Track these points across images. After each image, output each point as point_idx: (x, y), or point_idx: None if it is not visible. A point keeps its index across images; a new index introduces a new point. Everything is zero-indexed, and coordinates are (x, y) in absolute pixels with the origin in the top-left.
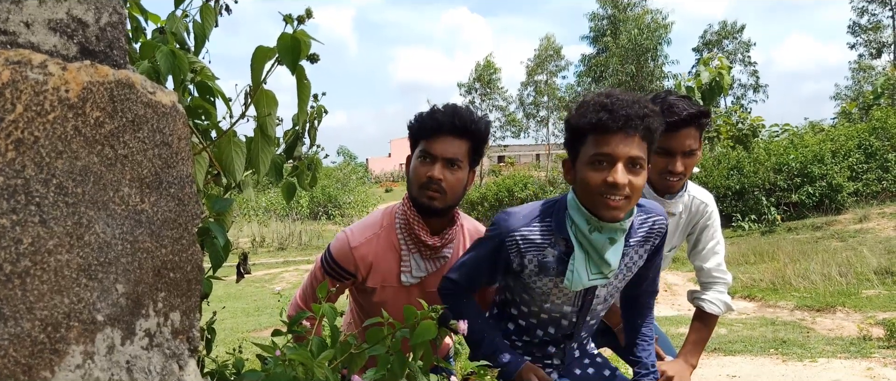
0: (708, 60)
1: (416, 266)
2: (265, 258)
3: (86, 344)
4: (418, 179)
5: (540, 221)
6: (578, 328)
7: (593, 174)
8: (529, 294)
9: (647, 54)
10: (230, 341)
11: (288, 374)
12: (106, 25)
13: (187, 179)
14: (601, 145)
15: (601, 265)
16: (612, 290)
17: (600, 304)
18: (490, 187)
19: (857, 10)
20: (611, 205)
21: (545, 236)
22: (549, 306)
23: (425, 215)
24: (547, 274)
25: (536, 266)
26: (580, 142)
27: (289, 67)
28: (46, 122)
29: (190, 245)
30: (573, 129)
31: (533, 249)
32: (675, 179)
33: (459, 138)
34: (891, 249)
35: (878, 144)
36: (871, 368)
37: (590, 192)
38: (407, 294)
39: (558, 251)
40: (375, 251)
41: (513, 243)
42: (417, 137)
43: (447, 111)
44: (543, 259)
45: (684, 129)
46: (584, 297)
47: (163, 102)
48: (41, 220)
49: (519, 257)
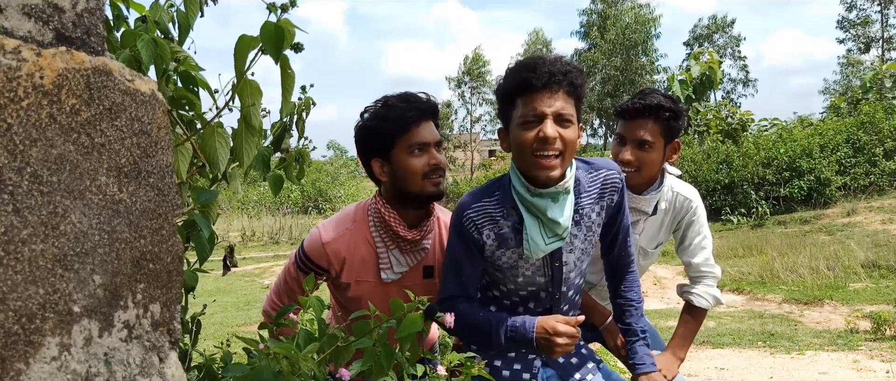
0: (699, 54)
1: (396, 262)
2: (255, 252)
3: (62, 336)
4: (421, 170)
5: (489, 195)
6: (557, 301)
7: (524, 133)
8: (500, 272)
9: (637, 48)
10: (219, 335)
11: (272, 368)
12: (83, 12)
13: (167, 169)
14: (528, 105)
15: (553, 227)
16: (580, 255)
17: (572, 271)
18: (481, 181)
19: (846, 5)
20: (543, 165)
21: (496, 208)
22: (522, 280)
23: (421, 207)
24: (507, 246)
25: (495, 240)
26: (510, 106)
27: (272, 56)
28: (20, 109)
29: (170, 236)
30: (502, 95)
31: (488, 223)
32: (625, 169)
33: (432, 120)
34: (878, 242)
35: (866, 138)
36: (858, 360)
37: (523, 152)
38: (385, 291)
39: (511, 221)
40: (348, 246)
41: (468, 220)
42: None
43: (408, 98)
44: (499, 231)
45: (639, 119)
46: (552, 265)
47: (141, 89)
48: (15, 209)
49: (478, 234)
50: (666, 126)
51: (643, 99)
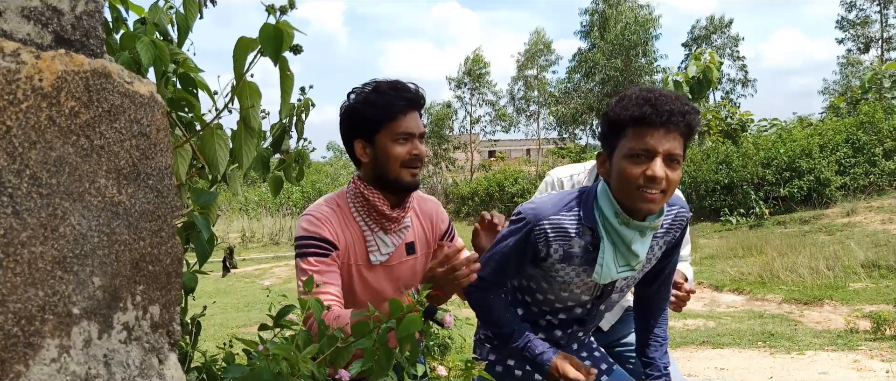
0: (699, 55)
1: (382, 244)
2: (255, 253)
3: (61, 337)
4: (402, 158)
5: (568, 210)
6: (592, 315)
7: (632, 167)
8: (548, 282)
9: (636, 49)
10: (219, 336)
11: (272, 369)
12: (82, 14)
13: (166, 171)
14: (642, 139)
15: (629, 257)
16: (630, 280)
17: (617, 294)
18: (480, 182)
19: (846, 5)
20: (647, 198)
21: (573, 225)
22: (567, 295)
23: (397, 194)
24: (571, 263)
25: (561, 256)
26: (619, 135)
27: (271, 58)
28: (19, 111)
29: (169, 238)
30: (612, 122)
31: (560, 237)
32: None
33: (419, 111)
34: (878, 242)
35: (865, 138)
36: (858, 360)
37: (627, 185)
38: (375, 274)
39: (585, 241)
40: (339, 223)
41: (541, 231)
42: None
43: (398, 87)
44: (569, 249)
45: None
46: (604, 287)
47: (140, 91)
48: (14, 211)
49: (546, 247)
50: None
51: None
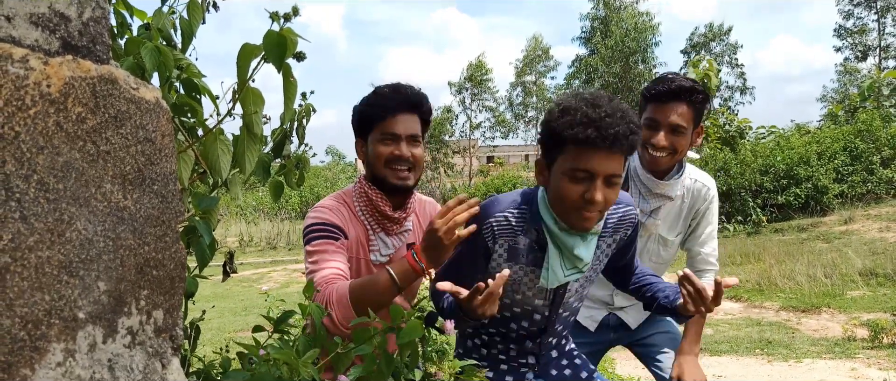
0: (697, 62)
1: (383, 245)
2: (253, 258)
3: (67, 342)
4: (384, 157)
5: (516, 207)
6: (552, 322)
7: (571, 187)
8: None
9: (636, 55)
10: (217, 341)
11: (272, 374)
12: (89, 20)
13: (171, 176)
14: (582, 160)
15: (574, 261)
16: (584, 282)
17: (573, 297)
18: (479, 187)
19: (843, 14)
20: (584, 217)
21: (520, 222)
22: (520, 297)
23: (392, 195)
24: (516, 261)
25: (506, 251)
26: (560, 148)
27: (275, 65)
28: (27, 117)
29: (173, 243)
30: (554, 134)
31: (506, 233)
32: (658, 154)
33: (415, 113)
34: (875, 250)
35: (863, 146)
36: (856, 368)
37: (564, 203)
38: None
39: (529, 240)
40: (347, 218)
41: (488, 227)
42: (376, 119)
43: (397, 89)
44: (514, 245)
45: (673, 102)
46: (556, 291)
47: (146, 97)
48: (21, 216)
49: (492, 241)
50: (697, 110)
51: (674, 81)
